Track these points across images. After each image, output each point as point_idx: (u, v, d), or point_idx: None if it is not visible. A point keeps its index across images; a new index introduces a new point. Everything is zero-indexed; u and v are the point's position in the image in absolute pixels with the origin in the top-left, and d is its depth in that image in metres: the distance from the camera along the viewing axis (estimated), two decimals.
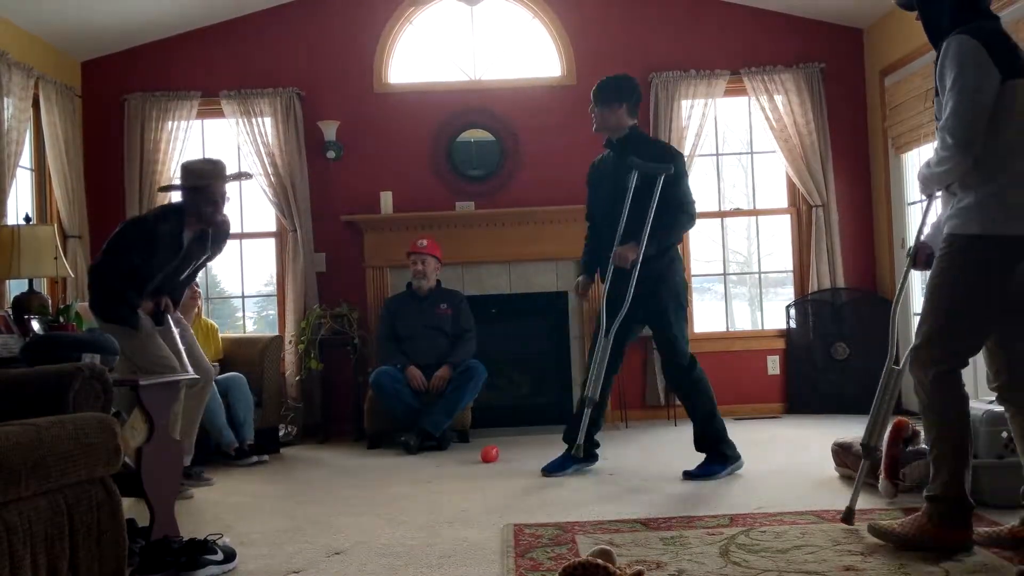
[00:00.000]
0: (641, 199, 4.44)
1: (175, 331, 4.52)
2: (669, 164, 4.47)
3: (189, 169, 4.50)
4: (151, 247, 4.36)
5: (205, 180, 4.39)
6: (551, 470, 4.54)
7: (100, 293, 4.43)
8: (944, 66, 2.88)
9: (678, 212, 4.49)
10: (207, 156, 4.65)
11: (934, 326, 2.95)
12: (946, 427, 2.98)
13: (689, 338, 4.67)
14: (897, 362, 3.26)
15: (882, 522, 3.13)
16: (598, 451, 4.68)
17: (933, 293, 2.97)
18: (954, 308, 2.92)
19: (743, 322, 7.10)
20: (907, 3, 3.16)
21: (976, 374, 5.29)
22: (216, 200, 4.44)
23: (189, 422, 4.53)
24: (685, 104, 6.45)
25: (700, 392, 4.52)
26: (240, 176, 4.78)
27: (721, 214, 6.76)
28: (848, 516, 3.29)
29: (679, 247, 4.69)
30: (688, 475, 4.34)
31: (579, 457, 4.52)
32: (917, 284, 6.19)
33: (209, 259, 4.73)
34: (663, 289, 4.49)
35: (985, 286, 2.88)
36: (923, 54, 5.73)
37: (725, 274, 6.77)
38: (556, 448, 5.40)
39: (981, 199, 2.85)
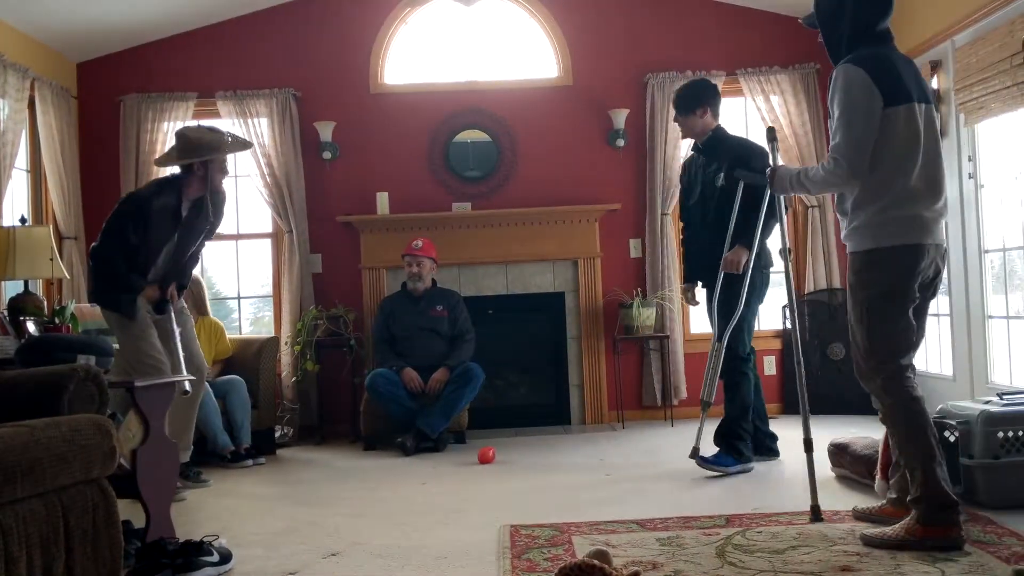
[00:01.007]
0: (732, 200, 4.47)
1: (176, 329, 4.46)
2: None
3: (196, 140, 4.38)
4: (147, 222, 4.28)
5: (215, 152, 4.33)
6: (708, 462, 4.49)
7: (100, 277, 4.36)
8: (834, 94, 3.12)
9: (772, 205, 4.46)
10: (202, 124, 4.64)
11: (864, 339, 3.15)
12: (907, 430, 3.08)
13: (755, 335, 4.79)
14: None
15: (871, 531, 3.13)
16: (776, 444, 4.78)
17: (854, 310, 3.19)
18: (873, 318, 3.12)
19: None
20: (812, 23, 3.37)
21: (971, 372, 5.30)
22: (226, 167, 4.41)
23: (184, 421, 4.50)
24: None
25: (742, 387, 4.59)
26: (245, 144, 4.70)
27: None
28: (815, 513, 3.39)
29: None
30: (701, 459, 4.41)
31: (699, 457, 4.48)
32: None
33: (211, 230, 4.64)
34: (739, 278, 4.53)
35: (891, 291, 3.09)
36: (919, 54, 5.74)
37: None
38: (553, 449, 5.42)
39: (870, 218, 3.10)
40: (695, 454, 4.46)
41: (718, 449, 4.52)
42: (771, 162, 3.69)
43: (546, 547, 3.18)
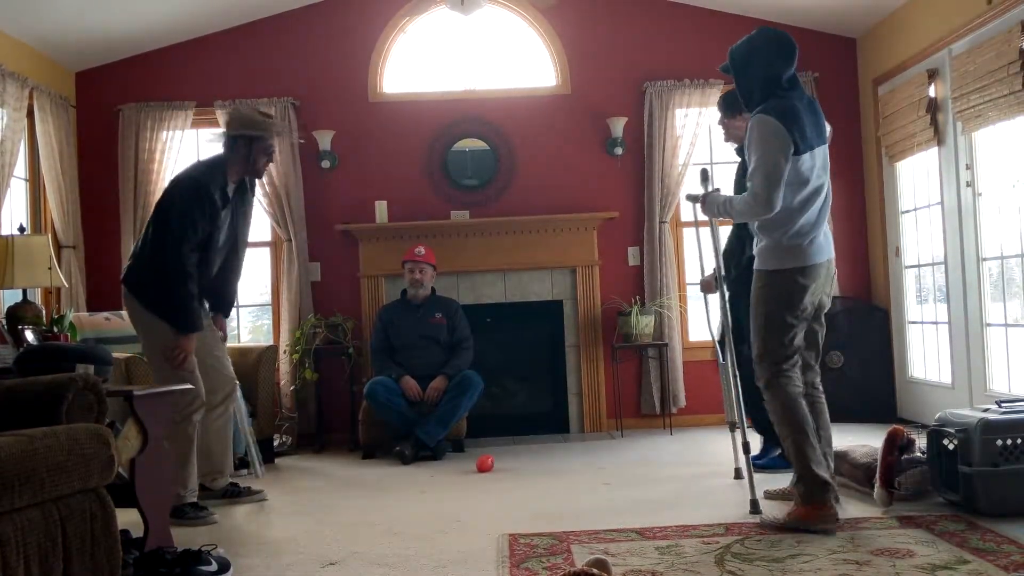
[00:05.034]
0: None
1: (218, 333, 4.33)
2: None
3: (246, 117, 4.25)
4: (213, 210, 4.00)
5: (262, 130, 4.18)
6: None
7: (167, 283, 3.95)
8: (751, 140, 3.53)
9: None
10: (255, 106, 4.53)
11: (760, 342, 3.60)
12: (786, 421, 3.52)
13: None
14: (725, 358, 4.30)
15: (767, 516, 3.55)
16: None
17: (755, 318, 3.63)
18: (768, 326, 3.57)
19: None
20: (727, 71, 3.75)
21: (970, 379, 5.30)
22: (271, 152, 4.21)
23: (224, 443, 4.33)
24: (679, 113, 6.47)
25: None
26: (293, 135, 4.47)
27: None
28: (754, 507, 3.71)
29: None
30: (755, 463, 4.44)
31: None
32: (913, 292, 6.21)
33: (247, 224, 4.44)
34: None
35: (786, 305, 3.54)
36: (916, 63, 5.76)
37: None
38: (552, 457, 5.41)
39: (774, 243, 3.57)
40: (738, 475, 4.43)
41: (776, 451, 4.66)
42: (705, 189, 4.04)
43: (545, 556, 3.17)
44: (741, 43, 3.71)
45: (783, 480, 4.12)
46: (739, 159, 4.86)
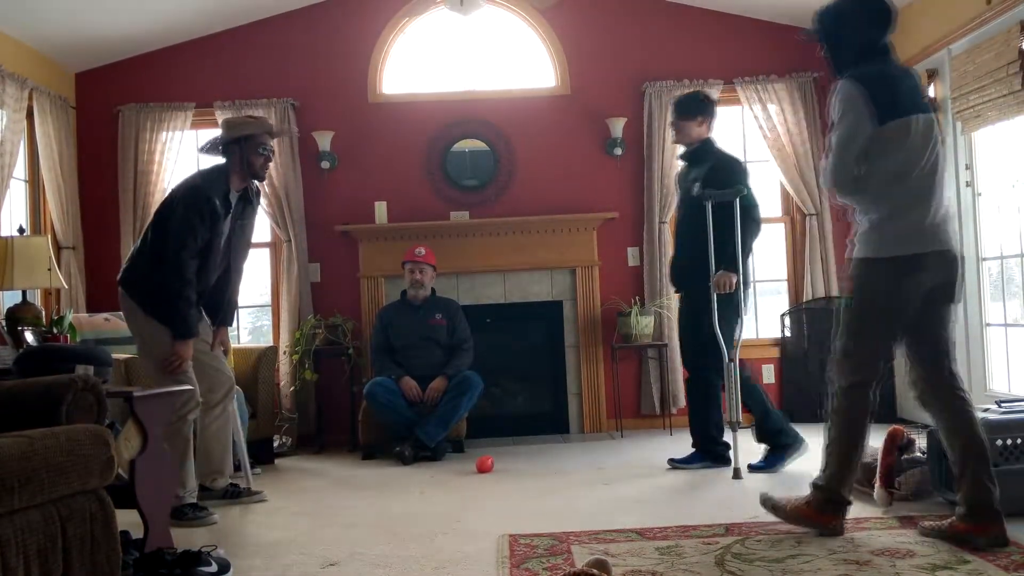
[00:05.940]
0: (718, 218, 4.56)
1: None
2: (740, 186, 4.56)
3: (234, 122, 4.29)
4: (214, 219, 4.02)
5: (252, 129, 4.20)
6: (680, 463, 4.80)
7: (166, 288, 3.98)
8: (833, 105, 3.27)
9: (745, 219, 4.60)
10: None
11: (846, 342, 3.30)
12: (844, 432, 3.31)
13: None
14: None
15: (773, 496, 3.52)
16: (729, 453, 4.70)
17: (845, 312, 3.34)
18: (858, 326, 3.28)
19: None
20: (812, 38, 3.47)
21: (970, 380, 5.30)
22: (266, 151, 4.21)
23: (224, 444, 4.31)
24: None
25: (748, 393, 4.65)
26: (285, 131, 4.51)
27: None
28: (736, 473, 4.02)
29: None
30: (752, 468, 4.56)
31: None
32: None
33: (250, 233, 4.44)
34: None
35: (880, 303, 3.21)
36: (916, 63, 5.75)
37: None
38: (552, 457, 5.41)
39: (868, 228, 3.24)
40: (737, 475, 4.49)
41: (767, 449, 4.67)
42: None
43: (545, 556, 3.17)
44: (831, 5, 3.40)
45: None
46: (683, 163, 4.97)
